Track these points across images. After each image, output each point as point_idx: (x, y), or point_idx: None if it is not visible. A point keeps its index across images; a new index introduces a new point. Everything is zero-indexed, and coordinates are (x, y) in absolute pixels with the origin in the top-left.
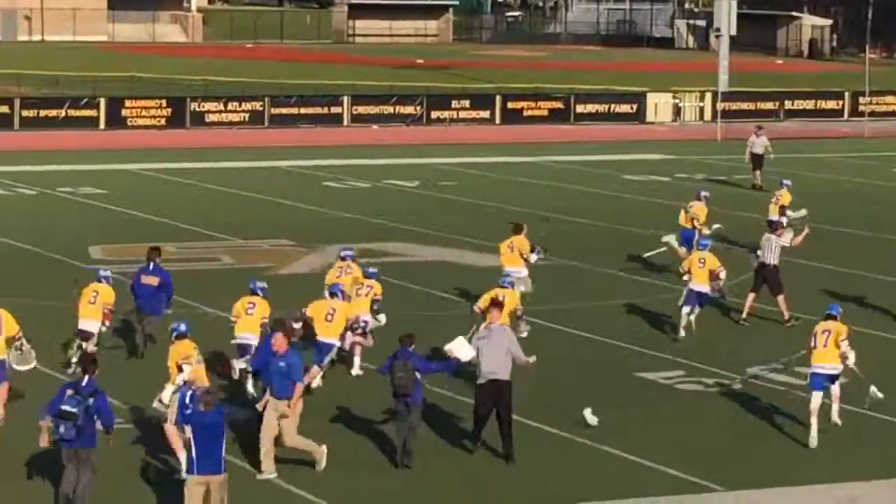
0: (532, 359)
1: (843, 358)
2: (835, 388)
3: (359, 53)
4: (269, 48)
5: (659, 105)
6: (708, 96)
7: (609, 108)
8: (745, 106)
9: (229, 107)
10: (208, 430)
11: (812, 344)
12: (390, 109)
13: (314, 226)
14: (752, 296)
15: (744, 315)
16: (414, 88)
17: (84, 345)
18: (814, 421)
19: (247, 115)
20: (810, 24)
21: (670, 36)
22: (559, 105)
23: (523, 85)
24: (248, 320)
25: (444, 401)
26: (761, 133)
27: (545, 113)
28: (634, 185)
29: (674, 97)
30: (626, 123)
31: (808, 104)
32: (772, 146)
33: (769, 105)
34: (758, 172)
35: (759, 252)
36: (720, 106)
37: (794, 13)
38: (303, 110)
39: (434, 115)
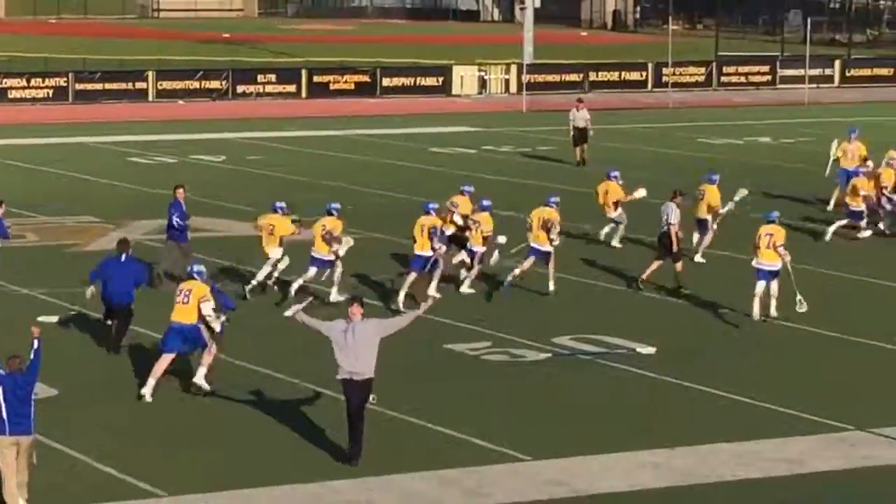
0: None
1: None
2: (773, 285)
3: (164, 28)
4: (73, 23)
5: (465, 78)
6: (513, 69)
7: (415, 82)
8: (550, 78)
9: (32, 83)
10: (17, 391)
11: (757, 244)
12: (196, 84)
13: (119, 202)
14: (656, 263)
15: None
16: (219, 63)
17: None
18: (756, 303)
19: (51, 91)
20: None
21: (476, 9)
22: (366, 78)
23: (329, 59)
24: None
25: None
26: (582, 107)
27: (351, 87)
28: (441, 158)
29: (479, 70)
30: (432, 96)
31: (613, 76)
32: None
33: (574, 77)
34: (579, 148)
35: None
36: (525, 78)
37: None
38: (107, 86)
39: (240, 89)
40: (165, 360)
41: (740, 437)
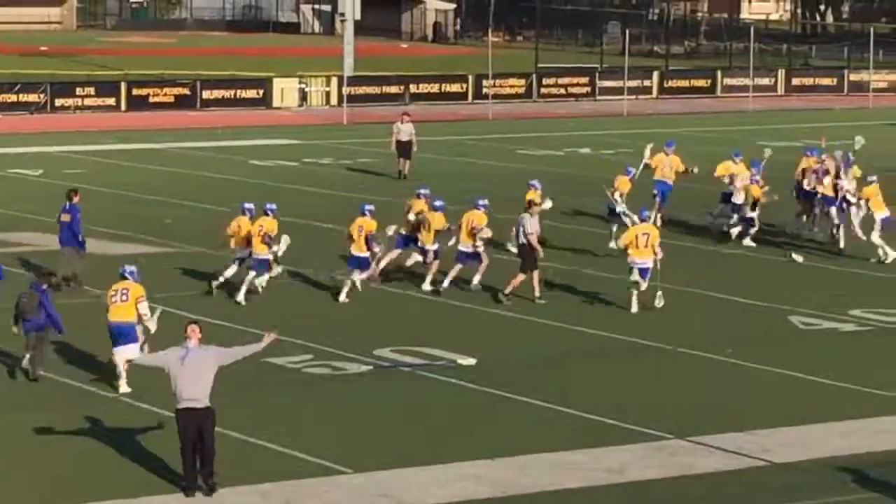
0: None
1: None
2: (644, 282)
3: None
4: None
5: (285, 90)
6: (334, 81)
7: (235, 94)
8: (370, 90)
9: None
10: None
11: (634, 243)
12: (13, 98)
13: None
14: (520, 276)
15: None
16: (38, 76)
17: None
18: (634, 296)
19: None
20: (434, 8)
21: (296, 21)
22: (185, 91)
23: (149, 71)
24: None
25: None
26: (407, 120)
27: (171, 99)
28: (261, 171)
29: (300, 82)
30: (252, 109)
31: (433, 88)
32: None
33: (395, 89)
34: (404, 161)
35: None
36: (346, 90)
37: None
38: None
39: (59, 102)
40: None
41: (560, 447)
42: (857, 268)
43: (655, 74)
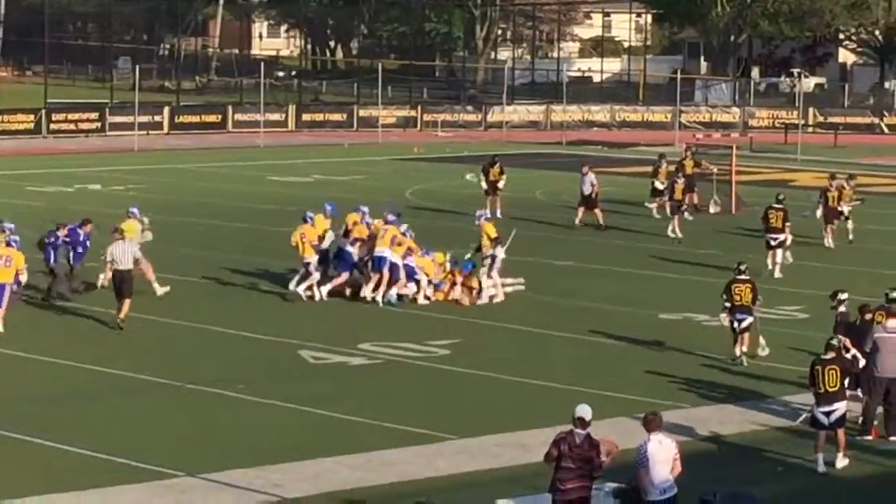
0: None
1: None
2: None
3: None
4: None
5: None
6: None
7: None
8: None
9: None
10: None
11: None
12: None
13: None
14: None
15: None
16: None
17: None
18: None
19: None
20: None
21: None
22: None
23: None
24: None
25: None
26: None
27: None
28: None
29: None
30: None
31: None
32: None
33: None
34: None
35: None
36: None
37: None
38: None
39: None
40: None
41: (72, 488)
42: (364, 303)
43: (166, 110)
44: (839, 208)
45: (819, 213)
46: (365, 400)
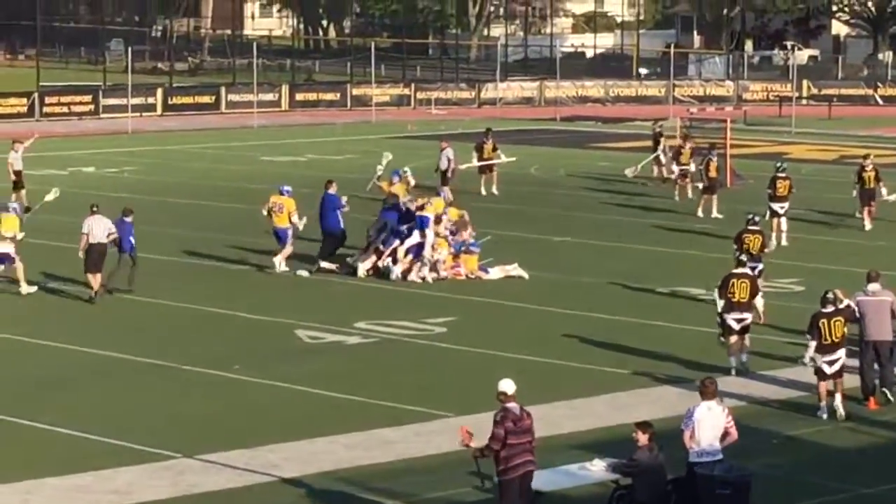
0: None
1: None
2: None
3: None
4: None
5: None
6: None
7: None
8: None
9: None
10: None
11: None
12: None
13: None
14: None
15: None
16: None
17: None
18: None
19: None
20: None
21: None
22: None
23: None
24: None
25: None
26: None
27: None
28: None
29: None
30: None
31: None
32: None
33: None
34: None
35: None
36: None
37: None
38: None
39: None
40: None
41: (65, 471)
42: (369, 282)
43: (160, 91)
44: (878, 188)
45: (854, 193)
46: (362, 379)
